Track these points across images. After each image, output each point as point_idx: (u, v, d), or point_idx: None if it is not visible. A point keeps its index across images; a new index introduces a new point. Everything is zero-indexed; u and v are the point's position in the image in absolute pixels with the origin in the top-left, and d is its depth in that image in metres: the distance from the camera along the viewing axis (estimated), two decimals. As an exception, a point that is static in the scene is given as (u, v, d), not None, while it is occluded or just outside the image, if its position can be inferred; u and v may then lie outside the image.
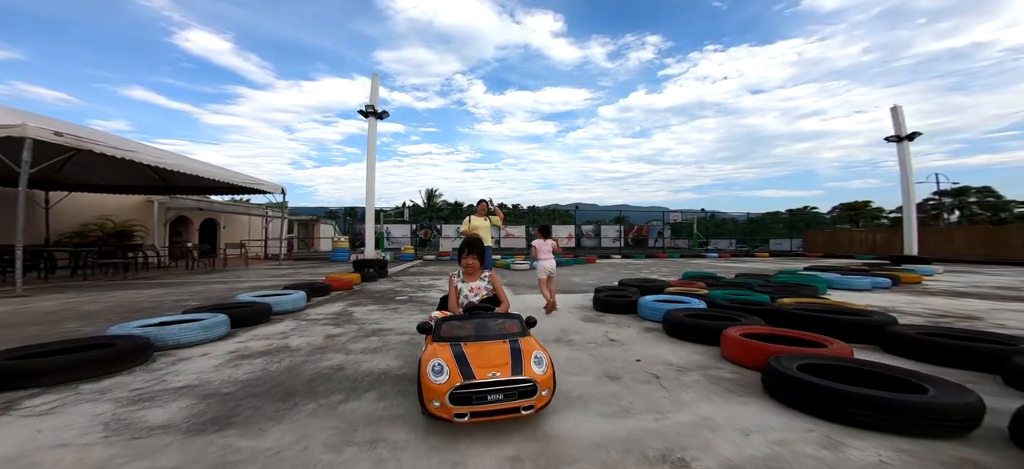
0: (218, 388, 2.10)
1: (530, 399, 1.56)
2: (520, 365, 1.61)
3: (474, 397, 1.51)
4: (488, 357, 1.65)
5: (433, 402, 1.53)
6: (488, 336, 1.83)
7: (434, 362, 1.59)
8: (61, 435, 1.58)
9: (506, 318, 1.98)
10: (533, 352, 1.69)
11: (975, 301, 5.19)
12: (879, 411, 1.50)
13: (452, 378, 1.53)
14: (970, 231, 18.58)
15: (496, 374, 1.55)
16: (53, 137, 5.65)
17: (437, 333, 1.84)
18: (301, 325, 3.67)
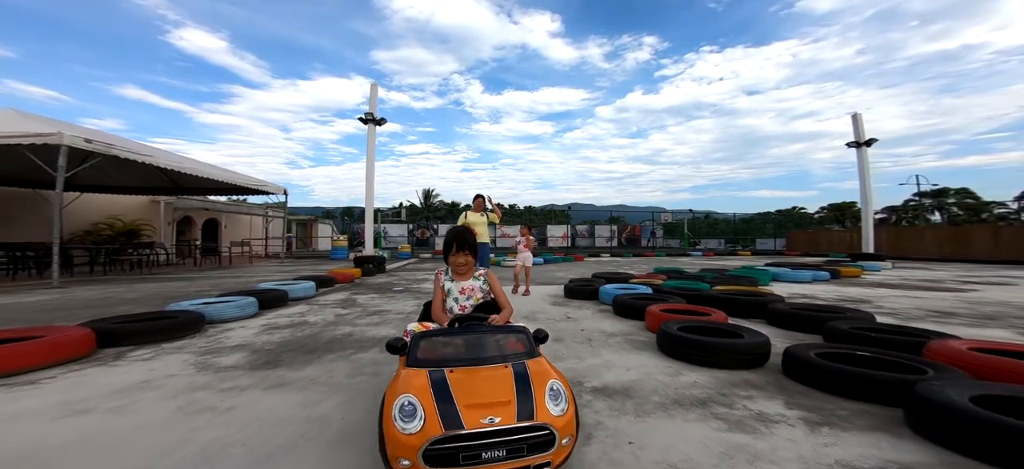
0: (262, 346, 2.87)
1: (545, 454, 1.11)
2: (529, 403, 1.15)
3: (462, 454, 1.05)
4: (483, 391, 1.19)
5: (400, 461, 1.06)
6: (483, 358, 1.36)
7: (403, 400, 1.13)
8: (167, 370, 2.35)
9: (508, 332, 1.50)
10: (548, 382, 1.22)
11: (887, 290, 6.06)
12: (707, 351, 2.31)
13: (428, 426, 1.07)
14: (938, 231, 19.66)
15: (495, 420, 1.09)
16: (84, 144, 6.36)
17: (412, 354, 1.36)
18: (314, 307, 4.45)
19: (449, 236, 1.91)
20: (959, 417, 1.31)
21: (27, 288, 6.00)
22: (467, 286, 1.88)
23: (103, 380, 2.15)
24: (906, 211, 34.69)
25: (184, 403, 1.85)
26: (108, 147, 6.69)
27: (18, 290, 5.80)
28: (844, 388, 1.83)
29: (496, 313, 1.76)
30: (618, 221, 30.10)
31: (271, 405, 1.83)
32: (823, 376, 1.91)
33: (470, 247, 1.88)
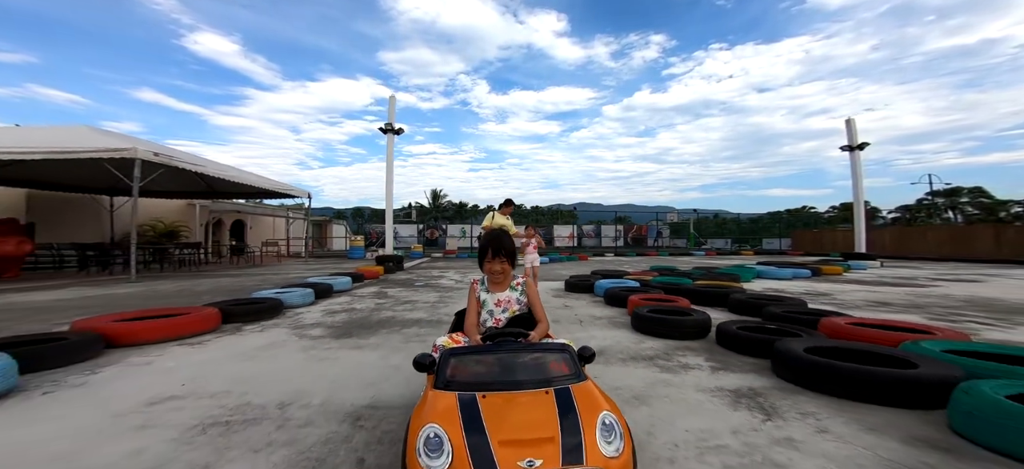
0: (332, 324, 3.84)
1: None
2: (577, 440, 0.98)
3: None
4: (520, 423, 1.04)
5: None
6: (521, 382, 1.21)
7: (429, 432, 1.00)
8: (278, 337, 3.32)
9: (549, 351, 1.35)
10: (599, 414, 1.05)
11: (854, 286, 6.81)
12: (664, 326, 3.19)
13: (455, 464, 0.93)
14: (940, 231, 19.96)
15: (535, 463, 0.92)
16: (153, 157, 7.46)
17: (440, 374, 1.25)
18: (355, 298, 5.44)
19: (484, 241, 1.78)
20: (793, 360, 2.18)
21: (112, 282, 7.13)
22: (503, 298, 1.74)
23: (244, 341, 3.14)
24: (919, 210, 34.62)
25: (305, 355, 2.81)
26: (170, 159, 7.81)
27: (106, 284, 6.93)
28: (747, 349, 2.70)
29: (532, 328, 1.61)
30: (624, 221, 30.78)
31: (358, 358, 2.78)
32: (736, 342, 2.79)
33: (507, 253, 1.73)
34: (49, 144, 6.81)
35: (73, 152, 6.76)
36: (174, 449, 1.50)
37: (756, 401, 1.97)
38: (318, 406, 1.91)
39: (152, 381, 2.26)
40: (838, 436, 1.60)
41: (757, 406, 1.91)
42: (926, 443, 1.52)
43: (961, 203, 31.34)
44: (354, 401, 1.97)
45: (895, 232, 21.86)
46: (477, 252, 1.85)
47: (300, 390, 2.12)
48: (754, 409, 1.88)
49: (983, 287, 6.76)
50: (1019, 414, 1.35)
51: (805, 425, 1.70)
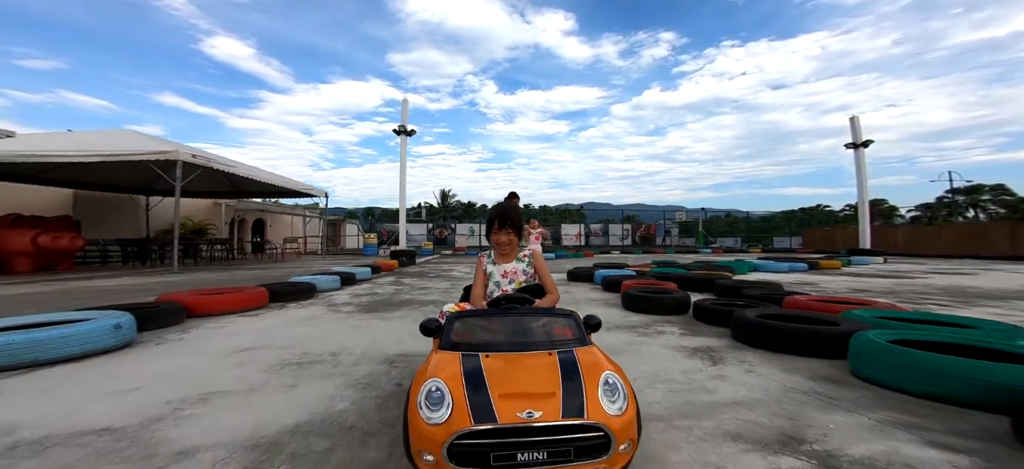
0: (359, 303, 4.44)
1: (597, 461, 0.94)
2: (579, 396, 0.98)
3: (493, 454, 0.90)
4: (522, 380, 1.04)
5: (423, 456, 0.94)
6: (525, 343, 1.23)
7: (430, 385, 1.01)
8: (316, 312, 3.93)
9: (554, 315, 1.38)
10: (602, 374, 1.05)
11: (845, 278, 7.13)
12: (648, 303, 3.69)
13: (455, 416, 0.93)
14: (955, 229, 19.72)
15: (535, 414, 0.92)
16: (191, 158, 8.23)
17: (445, 336, 1.27)
18: (377, 285, 6.05)
19: (492, 213, 1.79)
20: (745, 324, 2.65)
21: (157, 273, 7.93)
22: (510, 269, 1.74)
23: (290, 314, 3.75)
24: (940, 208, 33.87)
25: (343, 323, 3.40)
26: (206, 160, 8.58)
27: (152, 274, 7.73)
28: (715, 320, 3.18)
29: (540, 298, 1.62)
30: (632, 220, 30.98)
31: (386, 326, 3.35)
32: (707, 314, 3.27)
33: (514, 225, 1.74)
34: (102, 147, 7.62)
35: (125, 154, 7.56)
36: (267, 376, 2.08)
37: (709, 354, 2.46)
38: (360, 354, 2.48)
39: (231, 338, 2.87)
40: (760, 374, 2.09)
41: (708, 357, 2.41)
42: (824, 379, 2.00)
43: (982, 201, 30.61)
44: (387, 351, 2.54)
45: (908, 231, 21.64)
46: (486, 225, 1.85)
47: (344, 346, 2.69)
48: (705, 358, 2.37)
49: (970, 279, 7.01)
50: (889, 349, 1.82)
51: (738, 368, 2.20)
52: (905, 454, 1.25)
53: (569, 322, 1.34)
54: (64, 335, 2.11)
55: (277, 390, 1.86)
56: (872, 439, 1.35)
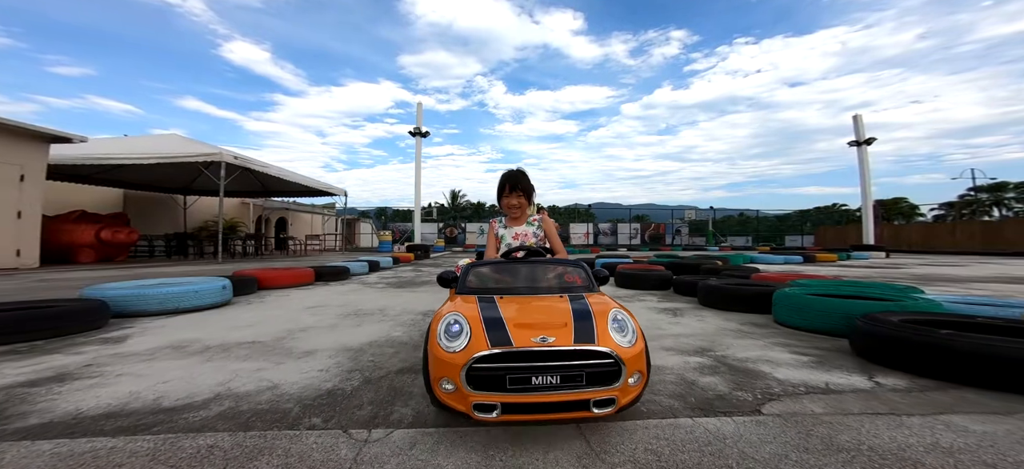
0: (388, 282, 5.23)
1: (609, 388, 0.96)
2: (589, 328, 1.02)
3: (509, 377, 0.94)
4: (536, 315, 1.09)
5: (442, 384, 0.99)
6: (537, 288, 1.30)
7: (449, 319, 1.07)
8: (354, 287, 4.74)
9: (565, 265, 1.45)
10: (610, 311, 1.10)
11: (836, 268, 7.59)
12: (636, 280, 4.36)
13: (474, 342, 0.98)
14: (969, 226, 19.54)
15: (548, 339, 0.97)
16: (233, 160, 9.21)
17: (461, 283, 1.36)
18: (399, 271, 6.85)
19: (502, 179, 1.83)
20: (705, 289, 3.31)
21: (204, 263, 8.93)
22: (520, 231, 1.83)
23: (336, 288, 4.56)
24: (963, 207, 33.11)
25: (380, 294, 4.18)
26: (246, 162, 9.56)
27: (201, 264, 8.72)
28: (687, 291, 3.83)
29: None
30: (642, 220, 31.31)
31: (413, 296, 4.10)
32: (682, 287, 3.93)
33: (524, 190, 1.80)
34: (159, 151, 8.65)
35: (178, 157, 8.58)
36: (337, 320, 2.84)
37: (675, 312, 3.13)
38: (400, 310, 3.24)
39: (299, 301, 3.67)
40: (706, 321, 2.75)
41: (673, 313, 3.08)
42: (751, 324, 2.65)
43: (1007, 199, 29.86)
44: (420, 308, 3.29)
45: (922, 229, 21.47)
46: (497, 190, 1.88)
47: (386, 306, 3.45)
48: (670, 314, 3.04)
49: (953, 270, 7.40)
50: (793, 296, 2.47)
51: (693, 318, 2.87)
52: (769, 356, 1.92)
53: (579, 271, 1.40)
54: (195, 291, 2.92)
55: (348, 327, 2.62)
56: (755, 350, 2.02)
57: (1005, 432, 1.08)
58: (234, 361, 1.81)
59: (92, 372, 1.63)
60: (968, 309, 2.17)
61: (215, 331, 2.39)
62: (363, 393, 1.43)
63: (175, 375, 1.60)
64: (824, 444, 1.04)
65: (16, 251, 7.16)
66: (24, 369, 1.67)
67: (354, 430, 1.14)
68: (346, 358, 1.89)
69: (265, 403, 1.33)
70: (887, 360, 1.63)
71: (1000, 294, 4.01)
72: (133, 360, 1.81)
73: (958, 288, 4.60)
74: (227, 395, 1.40)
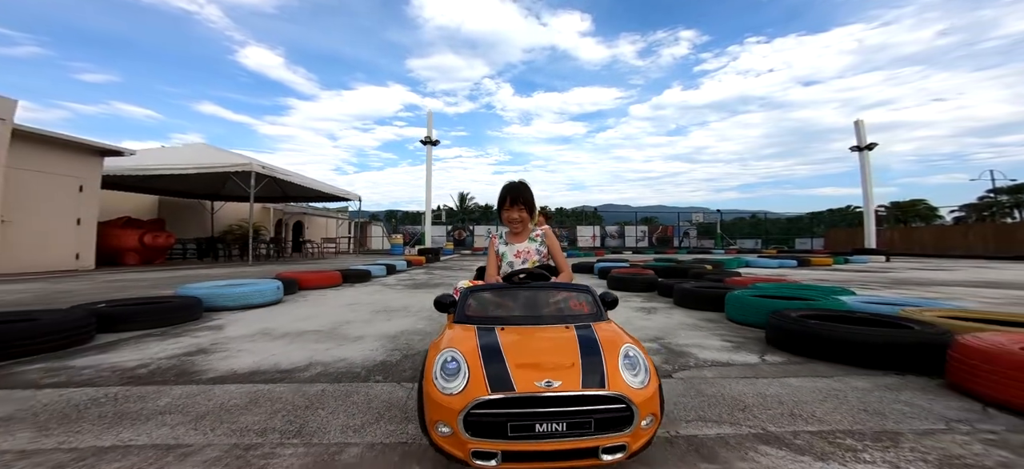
0: (406, 284, 5.96)
1: (620, 434, 0.92)
2: (598, 369, 0.97)
3: (510, 424, 0.90)
4: (540, 352, 1.04)
5: (438, 427, 0.95)
6: (541, 318, 1.24)
7: (445, 356, 1.02)
8: (377, 288, 5.48)
9: (570, 290, 1.39)
10: (621, 346, 1.04)
11: (824, 272, 8.06)
12: (625, 283, 5.00)
13: (472, 385, 0.94)
14: (981, 229, 19.48)
15: (553, 383, 0.92)
16: (260, 169, 10.11)
17: (460, 310, 1.30)
18: (414, 274, 7.60)
19: (503, 191, 1.78)
20: (679, 292, 3.93)
21: (237, 265, 9.83)
22: (523, 248, 1.77)
23: (362, 289, 5.31)
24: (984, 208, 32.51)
25: (400, 294, 4.91)
26: (272, 171, 10.46)
27: (234, 265, 9.62)
28: (667, 293, 4.45)
29: (554, 276, 1.63)
30: (650, 222, 31.63)
31: (429, 296, 4.78)
32: (664, 289, 4.54)
33: (525, 202, 1.75)
34: (197, 161, 9.59)
35: (214, 167, 9.50)
36: (371, 315, 3.56)
37: (650, 311, 3.77)
38: (419, 308, 3.93)
39: (336, 299, 4.41)
40: (672, 318, 3.38)
41: (648, 311, 3.71)
42: (708, 319, 3.27)
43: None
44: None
45: (936, 231, 21.42)
46: (497, 203, 1.82)
47: (408, 304, 4.16)
48: (645, 312, 3.68)
49: (936, 274, 7.80)
50: (737, 297, 3.08)
51: (662, 315, 3.50)
52: (703, 343, 2.54)
53: (586, 297, 1.34)
54: (259, 290, 3.68)
55: (381, 320, 3.32)
56: (696, 338, 2.65)
57: (811, 386, 1.71)
58: (310, 343, 2.53)
59: (220, 348, 2.37)
60: (868, 307, 2.75)
61: (284, 322, 3.13)
62: (404, 364, 2.12)
63: (276, 351, 2.32)
64: (695, 391, 1.68)
65: (76, 254, 8.14)
66: (174, 345, 2.41)
67: (404, 383, 1.83)
68: (387, 341, 2.59)
69: (343, 368, 2.03)
70: (782, 345, 2.25)
71: (947, 296, 4.50)
72: (240, 341, 2.54)
73: (906, 291, 5.10)
74: (317, 363, 2.11)
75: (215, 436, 1.27)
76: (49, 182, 7.74)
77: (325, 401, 1.58)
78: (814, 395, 1.60)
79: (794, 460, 1.12)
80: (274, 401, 1.58)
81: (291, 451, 1.19)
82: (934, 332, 1.78)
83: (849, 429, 1.31)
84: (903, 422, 1.35)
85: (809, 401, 1.54)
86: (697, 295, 3.71)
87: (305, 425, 1.36)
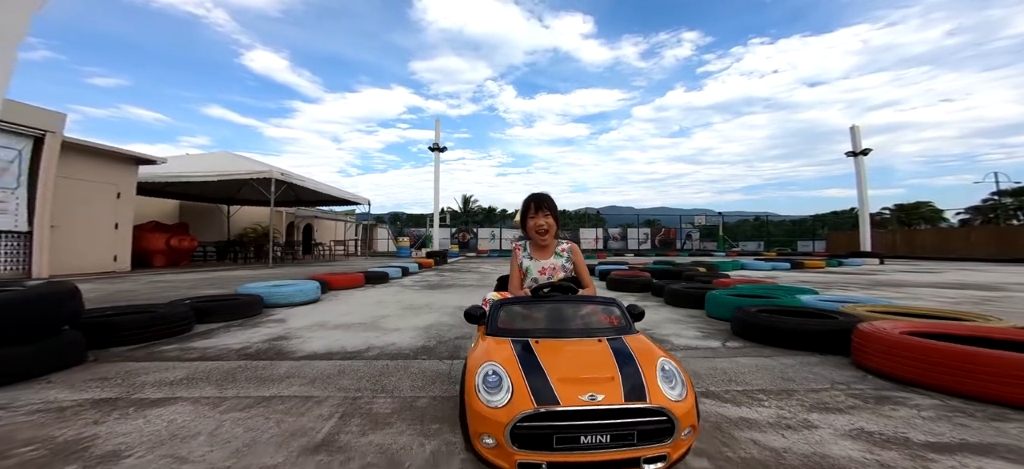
0: (421, 285, 6.57)
1: (661, 445, 0.97)
2: (638, 382, 1.02)
3: (556, 436, 0.95)
4: (578, 365, 1.09)
5: (483, 439, 0.99)
6: (571, 330, 1.30)
7: (487, 369, 1.07)
8: (395, 288, 6.10)
9: (599, 303, 1.44)
10: (657, 360, 1.10)
11: (811, 274, 8.58)
12: (622, 284, 5.59)
13: (516, 399, 0.98)
14: (983, 232, 19.81)
15: (597, 396, 0.97)
16: (281, 175, 10.79)
17: (492, 323, 1.34)
18: (426, 276, 8.22)
19: (527, 200, 1.81)
20: (667, 292, 4.50)
21: (258, 266, 10.51)
22: (548, 265, 1.78)
23: (384, 289, 5.93)
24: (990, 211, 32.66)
25: (419, 294, 5.52)
26: (289, 178, 11.13)
27: (255, 267, 10.29)
28: (659, 292, 5.03)
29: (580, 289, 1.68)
30: (653, 224, 32.11)
31: (447, 296, 5.41)
32: (656, 289, 5.12)
33: (551, 210, 1.77)
34: (214, 168, 10.27)
35: (236, 174, 10.19)
36: (400, 311, 4.16)
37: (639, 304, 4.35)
38: (441, 305, 4.54)
39: (365, 298, 5.03)
40: (660, 314, 3.96)
41: (640, 309, 4.30)
42: (691, 315, 3.85)
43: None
44: (455, 305, 4.58)
45: (937, 234, 21.76)
46: (520, 213, 1.85)
47: (428, 303, 4.76)
48: (637, 310, 4.26)
49: (918, 276, 8.29)
50: (717, 296, 3.66)
51: (651, 312, 4.06)
52: (682, 332, 3.12)
53: (614, 310, 1.39)
54: (303, 290, 4.31)
55: (410, 316, 3.93)
56: (676, 329, 3.23)
57: (752, 363, 2.29)
58: (360, 333, 3.14)
59: (293, 335, 2.98)
60: (818, 303, 3.32)
61: (331, 317, 3.75)
62: (440, 348, 2.71)
63: (338, 338, 2.93)
64: (666, 364, 2.28)
65: (114, 257, 8.84)
66: (257, 333, 3.03)
67: (444, 360, 2.43)
68: (421, 332, 3.20)
69: (394, 351, 2.63)
70: (742, 334, 2.83)
71: (909, 296, 5.04)
72: (305, 331, 3.15)
73: (876, 292, 5.63)
74: (373, 347, 2.71)
75: (330, 392, 1.87)
76: (91, 189, 8.45)
77: (391, 372, 2.19)
78: (751, 369, 2.19)
79: (720, 405, 1.70)
80: (355, 372, 2.19)
81: (383, 400, 1.78)
82: (849, 322, 2.35)
83: (763, 388, 1.89)
84: (802, 384, 1.93)
85: (745, 373, 2.12)
86: (683, 294, 4.29)
87: (384, 386, 1.96)
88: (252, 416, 1.58)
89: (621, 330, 1.31)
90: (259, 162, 11.82)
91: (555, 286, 1.60)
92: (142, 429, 1.46)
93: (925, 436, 1.39)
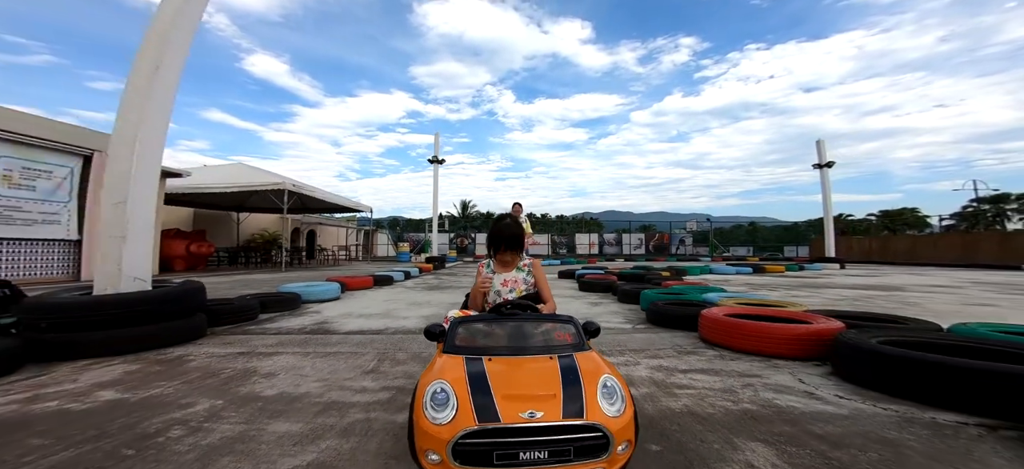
0: (423, 287, 7.79)
1: (597, 460, 1.05)
2: (578, 399, 1.10)
3: (496, 453, 1.02)
4: (524, 383, 1.17)
5: (428, 455, 1.06)
6: (526, 347, 1.38)
7: (435, 387, 1.14)
8: (401, 289, 7.32)
9: (554, 321, 1.52)
10: (600, 377, 1.19)
11: (770, 278, 9.82)
12: (591, 287, 6.82)
13: (460, 417, 1.05)
14: (949, 239, 21.19)
15: (536, 414, 1.04)
16: (293, 186, 12.00)
17: (449, 340, 1.42)
18: (426, 279, 9.44)
19: (494, 234, 1.98)
20: (620, 291, 5.73)
21: (270, 270, 11.69)
22: (510, 278, 1.95)
23: (391, 290, 7.15)
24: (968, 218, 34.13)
25: (422, 294, 6.73)
26: (300, 188, 12.35)
27: (269, 271, 11.47)
28: (626, 297, 6.25)
29: (539, 306, 1.81)
30: (648, 229, 33.37)
31: (444, 295, 6.61)
32: (622, 294, 6.35)
33: (512, 247, 1.96)
34: (230, 180, 11.49)
35: (253, 186, 11.43)
36: (407, 307, 5.37)
37: (597, 303, 5.57)
38: (439, 303, 5.73)
39: (377, 296, 6.24)
40: (609, 309, 5.19)
41: (594, 304, 5.52)
42: (628, 309, 5.08)
43: (1009, 210, 30.98)
44: (452, 301, 5.80)
45: (909, 240, 23.15)
46: (488, 236, 2.05)
47: (429, 301, 5.97)
48: (592, 304, 5.48)
49: (867, 279, 9.55)
50: (648, 294, 4.89)
51: (601, 307, 5.31)
52: (611, 320, 4.35)
53: (569, 328, 1.48)
54: (327, 289, 5.52)
55: (416, 310, 5.12)
56: (611, 318, 4.45)
57: (643, 338, 3.50)
58: (378, 320, 4.35)
59: (332, 320, 4.19)
60: (706, 297, 4.56)
61: (354, 309, 4.95)
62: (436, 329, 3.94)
63: (365, 323, 4.14)
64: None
65: (145, 262, 9.99)
66: (306, 320, 4.22)
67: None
68: (423, 319, 4.40)
69: (405, 330, 3.84)
70: (650, 320, 4.05)
71: (813, 294, 6.28)
72: (338, 318, 4.35)
73: (803, 293, 6.86)
74: (391, 328, 3.92)
75: (369, 351, 3.07)
76: (128, 203, 9.62)
77: (405, 340, 3.40)
78: (640, 340, 3.41)
79: (610, 357, 2.92)
80: (384, 341, 3.40)
81: (400, 354, 2.98)
82: (701, 309, 3.58)
83: (639, 350, 3.10)
84: (661, 348, 3.14)
85: (634, 343, 3.34)
86: (627, 293, 5.53)
87: (401, 346, 3.17)
88: (328, 360, 2.79)
89: (575, 347, 1.38)
90: (271, 174, 13.03)
91: (515, 304, 1.72)
92: (274, 363, 2.67)
93: (687, 366, 2.61)
